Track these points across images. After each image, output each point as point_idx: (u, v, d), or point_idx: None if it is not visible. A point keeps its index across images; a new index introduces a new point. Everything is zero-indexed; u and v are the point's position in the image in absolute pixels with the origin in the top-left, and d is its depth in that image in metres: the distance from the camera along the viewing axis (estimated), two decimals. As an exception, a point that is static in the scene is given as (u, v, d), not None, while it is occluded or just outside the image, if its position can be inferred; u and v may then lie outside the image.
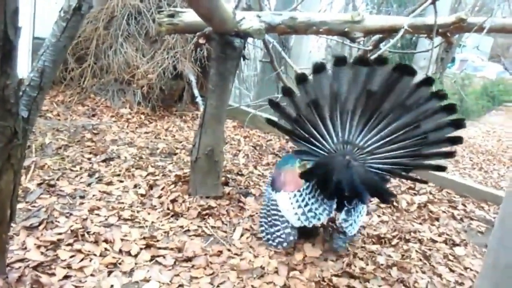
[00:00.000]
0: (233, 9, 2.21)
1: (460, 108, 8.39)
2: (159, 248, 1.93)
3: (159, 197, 2.44)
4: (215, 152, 2.42)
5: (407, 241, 2.36)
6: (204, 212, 2.30)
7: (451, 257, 2.25)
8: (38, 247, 1.79)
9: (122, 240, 1.94)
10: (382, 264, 2.04)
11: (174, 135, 3.77)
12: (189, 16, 2.35)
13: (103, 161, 2.86)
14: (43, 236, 1.87)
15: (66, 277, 1.63)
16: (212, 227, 2.20)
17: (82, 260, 1.75)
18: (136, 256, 1.84)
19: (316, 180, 1.98)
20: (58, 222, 2.02)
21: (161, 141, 3.52)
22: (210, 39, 2.32)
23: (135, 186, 2.55)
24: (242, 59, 2.43)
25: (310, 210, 2.00)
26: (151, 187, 2.55)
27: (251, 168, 3.22)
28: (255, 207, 2.48)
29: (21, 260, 1.67)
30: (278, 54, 3.50)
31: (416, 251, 2.24)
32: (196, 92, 4.15)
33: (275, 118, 2.23)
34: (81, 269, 1.69)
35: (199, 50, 4.18)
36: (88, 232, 1.95)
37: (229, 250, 2.01)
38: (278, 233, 2.05)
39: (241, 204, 2.50)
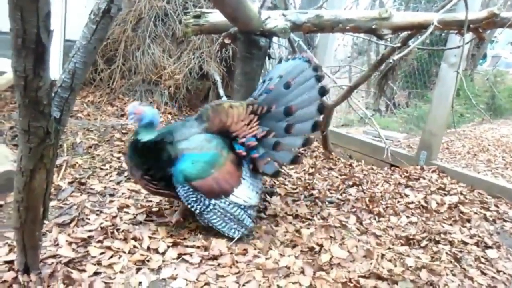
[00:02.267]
0: (258, 8, 2.22)
1: (492, 106, 8.14)
2: (186, 246, 1.95)
3: (186, 195, 2.46)
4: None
5: (437, 242, 2.30)
6: (230, 211, 2.31)
7: (483, 260, 2.18)
8: (70, 243, 1.84)
9: (150, 238, 1.97)
10: (410, 266, 1.99)
11: (200, 135, 3.79)
12: (215, 16, 2.37)
13: (131, 160, 2.91)
14: (74, 233, 1.92)
15: (96, 273, 1.68)
16: (238, 226, 2.20)
17: (111, 257, 1.79)
18: (163, 253, 1.87)
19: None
20: (89, 219, 2.07)
21: (187, 140, 3.55)
22: (236, 39, 2.33)
23: (162, 184, 2.58)
24: (267, 58, 2.42)
25: (254, 186, 2.13)
26: (177, 186, 2.58)
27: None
28: (280, 206, 2.48)
29: (54, 256, 1.72)
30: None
31: (447, 253, 2.18)
32: (221, 91, 4.17)
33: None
34: (110, 266, 1.73)
35: (225, 50, 4.20)
36: (117, 230, 2.00)
37: (254, 249, 2.01)
38: (243, 217, 2.07)
39: (266, 203, 2.50)
